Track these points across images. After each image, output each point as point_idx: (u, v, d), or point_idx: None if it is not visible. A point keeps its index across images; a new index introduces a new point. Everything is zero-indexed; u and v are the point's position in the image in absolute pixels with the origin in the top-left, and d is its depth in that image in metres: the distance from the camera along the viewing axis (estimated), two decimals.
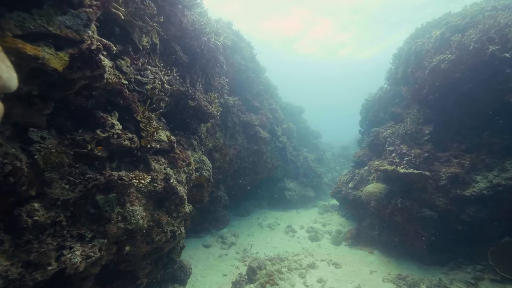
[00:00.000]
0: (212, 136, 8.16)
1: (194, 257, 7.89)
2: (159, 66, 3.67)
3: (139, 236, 3.51)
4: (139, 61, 3.10)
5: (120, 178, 2.97)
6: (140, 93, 3.18)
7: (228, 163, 9.51)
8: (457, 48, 5.59)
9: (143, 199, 3.53)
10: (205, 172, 5.52)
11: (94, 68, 2.13)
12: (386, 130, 8.37)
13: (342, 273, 7.20)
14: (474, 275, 6.27)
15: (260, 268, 6.79)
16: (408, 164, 6.72)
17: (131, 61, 3.06)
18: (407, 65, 7.33)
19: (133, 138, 3.05)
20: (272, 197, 13.17)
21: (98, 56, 2.11)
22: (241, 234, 9.83)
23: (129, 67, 2.96)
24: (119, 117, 3.03)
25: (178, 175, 4.29)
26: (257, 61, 10.96)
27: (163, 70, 3.70)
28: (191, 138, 5.58)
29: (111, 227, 3.03)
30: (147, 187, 3.58)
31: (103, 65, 2.19)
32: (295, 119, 18.82)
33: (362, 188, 8.96)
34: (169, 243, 4.21)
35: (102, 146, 2.58)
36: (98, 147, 2.54)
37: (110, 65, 2.66)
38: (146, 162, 3.61)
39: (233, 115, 9.32)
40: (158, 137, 3.62)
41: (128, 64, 2.97)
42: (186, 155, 4.94)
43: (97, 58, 2.11)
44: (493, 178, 6.02)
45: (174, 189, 3.81)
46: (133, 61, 3.07)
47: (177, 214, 4.29)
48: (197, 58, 5.47)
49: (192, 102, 5.05)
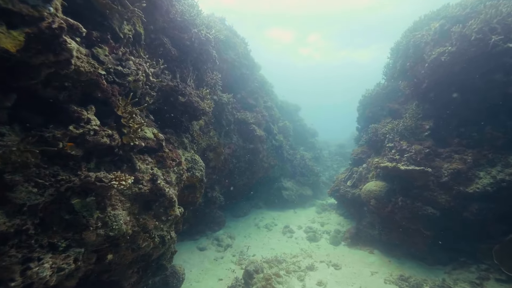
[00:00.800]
0: (205, 135, 7.85)
1: (188, 261, 7.59)
2: (143, 57, 3.36)
3: (123, 243, 3.20)
4: (119, 50, 2.80)
5: (98, 180, 2.66)
6: (122, 86, 2.88)
7: (223, 162, 9.21)
8: (458, 39, 5.38)
9: (127, 202, 3.23)
10: (197, 172, 5.22)
11: (57, 51, 1.83)
12: (385, 126, 8.16)
13: (342, 275, 6.96)
14: (479, 274, 6.07)
15: (257, 271, 6.51)
16: (408, 161, 6.50)
17: (110, 50, 2.75)
18: (406, 59, 7.13)
19: (113, 135, 2.74)
20: (269, 196, 12.91)
21: (62, 37, 1.81)
22: (238, 235, 9.55)
23: (108, 57, 2.65)
24: (97, 112, 2.72)
25: (167, 176, 3.99)
26: (252, 58, 10.68)
27: (148, 61, 3.40)
28: (182, 136, 5.28)
29: (90, 234, 2.72)
30: (132, 189, 3.27)
31: (69, 48, 1.89)
32: (291, 117, 18.59)
33: (361, 186, 8.74)
34: (157, 249, 3.90)
35: (73, 143, 2.27)
36: (68, 143, 2.22)
37: (84, 52, 2.35)
38: (130, 161, 3.30)
39: (228, 113, 9.03)
40: (143, 134, 3.32)
41: (106, 53, 2.66)
42: (176, 154, 4.63)
43: (61, 39, 1.81)
44: (496, 173, 5.83)
45: (162, 190, 3.51)
46: (113, 50, 2.77)
47: (167, 217, 3.99)
48: (187, 52, 5.17)
49: (182, 97, 4.75)
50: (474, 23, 5.17)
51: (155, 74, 3.61)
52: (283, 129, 14.76)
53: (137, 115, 3.20)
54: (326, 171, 18.98)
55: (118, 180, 2.62)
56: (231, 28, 9.73)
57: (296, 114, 20.06)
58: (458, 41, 5.39)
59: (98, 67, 2.45)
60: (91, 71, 2.36)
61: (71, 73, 2.26)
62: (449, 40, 5.73)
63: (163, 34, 4.39)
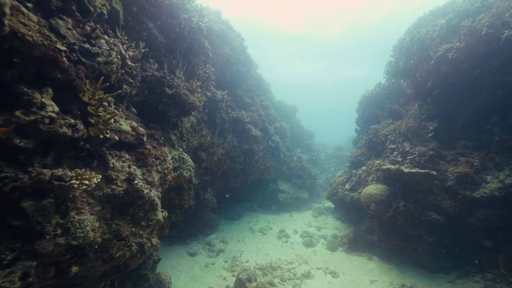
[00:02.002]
0: (197, 133, 7.40)
1: (177, 267, 7.11)
2: (120, 38, 2.92)
3: (91, 253, 2.74)
4: (86, 25, 2.36)
5: (56, 178, 2.20)
6: (90, 68, 2.43)
7: (217, 163, 8.76)
8: (467, 34, 5.05)
9: (96, 205, 2.77)
10: (185, 172, 4.77)
11: None
12: (386, 127, 7.80)
13: (340, 283, 6.55)
14: (485, 284, 5.72)
15: (249, 280, 6.06)
16: (412, 163, 6.14)
17: (75, 24, 2.31)
18: (409, 57, 6.78)
19: (76, 125, 2.29)
20: (264, 199, 12.47)
21: None
22: (231, 240, 9.09)
23: (71, 31, 2.21)
24: (58, 97, 2.27)
25: (148, 175, 3.53)
26: (248, 55, 10.27)
27: (125, 43, 2.96)
28: (169, 132, 4.82)
29: (45, 244, 2.26)
30: (103, 189, 2.81)
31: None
32: (288, 119, 18.23)
33: (360, 190, 8.36)
34: (136, 258, 3.44)
35: (8, 128, 1.82)
36: (2, 128, 1.77)
37: (36, 20, 1.91)
38: (102, 158, 2.84)
39: (222, 111, 8.59)
40: (117, 126, 2.87)
41: (69, 27, 2.23)
42: (161, 151, 4.18)
43: None
44: (504, 178, 5.50)
45: (140, 192, 3.06)
46: (79, 25, 2.33)
47: (147, 222, 3.53)
48: (176, 41, 4.74)
49: (169, 89, 4.31)
50: (485, 17, 4.84)
51: (134, 59, 3.17)
52: (280, 130, 14.37)
53: (111, 104, 2.75)
54: (323, 173, 18.62)
55: (79, 179, 2.17)
56: (227, 22, 9.32)
57: (293, 116, 19.71)
58: (467, 36, 5.06)
59: (56, 41, 2.00)
60: (45, 45, 1.92)
61: (18, 46, 1.81)
62: (457, 35, 5.40)
63: (148, 18, 3.96)
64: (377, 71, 10.05)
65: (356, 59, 42.36)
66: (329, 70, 48.27)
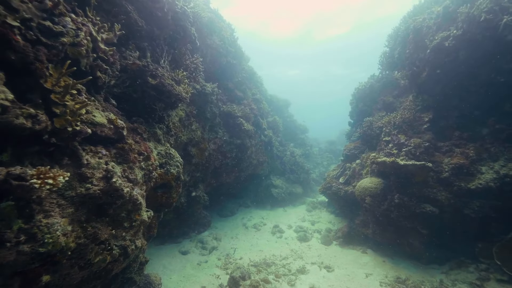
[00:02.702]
0: (187, 128, 7.08)
1: (168, 267, 6.87)
2: (91, 18, 2.58)
3: (64, 260, 2.45)
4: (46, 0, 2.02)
5: (15, 177, 1.90)
6: (53, 49, 2.11)
7: (208, 159, 8.47)
8: (465, 21, 4.88)
9: (68, 207, 2.47)
10: (173, 168, 4.48)
11: None
12: (380, 120, 7.67)
13: (335, 277, 6.45)
14: (479, 275, 5.71)
15: (243, 278, 5.87)
16: (407, 155, 6.02)
17: None
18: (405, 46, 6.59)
19: (37, 116, 1.98)
20: (258, 195, 12.30)
21: None
22: (224, 236, 8.89)
23: (26, 4, 1.88)
24: (14, 83, 1.94)
25: (130, 172, 3.23)
26: (239, 46, 9.90)
27: (97, 23, 2.62)
28: (154, 126, 4.51)
29: (5, 252, 1.96)
30: (76, 189, 2.51)
31: None
32: (281, 113, 17.99)
33: (355, 183, 8.26)
34: (118, 262, 3.16)
35: None
36: None
37: None
38: (74, 154, 2.53)
39: (212, 105, 8.26)
40: (90, 118, 2.55)
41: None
42: (145, 147, 3.88)
43: None
44: (499, 168, 5.44)
45: (120, 191, 2.77)
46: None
47: (130, 223, 3.25)
48: (160, 27, 4.38)
49: (152, 79, 3.98)
50: (483, 2, 4.68)
51: (109, 43, 2.84)
52: (272, 124, 14.13)
53: (81, 92, 2.43)
54: (316, 168, 18.57)
55: (42, 177, 1.87)
56: (216, 11, 8.91)
57: (286, 110, 19.48)
58: (465, 23, 4.89)
59: (5, 14, 1.68)
60: None
61: None
62: (455, 23, 5.24)
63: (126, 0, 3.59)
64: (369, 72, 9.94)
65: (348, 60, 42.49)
66: (321, 69, 48.30)
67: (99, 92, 3.36)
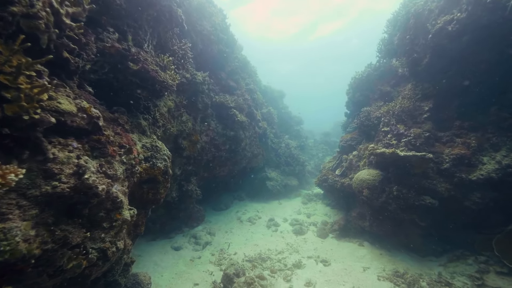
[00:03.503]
0: (176, 119, 6.69)
1: (160, 264, 6.62)
2: None
3: (28, 268, 2.13)
4: None
5: None
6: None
7: (200, 151, 8.13)
8: (470, 3, 4.59)
9: (31, 208, 2.13)
10: (159, 162, 4.14)
11: None
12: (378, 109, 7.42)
13: (332, 272, 6.31)
14: (478, 267, 5.61)
15: (238, 275, 5.66)
16: (406, 146, 5.81)
17: None
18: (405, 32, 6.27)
19: None
20: (252, 188, 12.07)
21: None
22: (218, 231, 8.66)
23: None
24: None
25: (108, 167, 2.89)
26: (232, 33, 9.41)
27: None
28: (138, 117, 4.14)
29: None
30: (40, 187, 2.17)
31: None
32: (276, 104, 17.63)
33: (351, 175, 8.07)
34: (97, 267, 2.86)
35: None
36: None
37: None
38: (36, 147, 2.18)
39: (204, 95, 7.86)
40: (54, 105, 2.19)
41: None
42: (127, 139, 3.52)
43: None
44: (501, 158, 5.28)
45: (93, 188, 2.44)
46: None
47: (110, 223, 2.93)
48: (141, 6, 3.95)
49: (134, 65, 3.59)
50: None
51: (76, 18, 2.44)
52: (267, 116, 13.79)
53: (43, 75, 2.05)
54: (311, 160, 18.40)
55: None
56: None
57: (281, 101, 19.10)
58: (470, 5, 4.60)
59: None
60: None
61: None
62: (458, 5, 4.93)
63: None
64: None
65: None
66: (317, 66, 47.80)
67: (71, 77, 2.97)
